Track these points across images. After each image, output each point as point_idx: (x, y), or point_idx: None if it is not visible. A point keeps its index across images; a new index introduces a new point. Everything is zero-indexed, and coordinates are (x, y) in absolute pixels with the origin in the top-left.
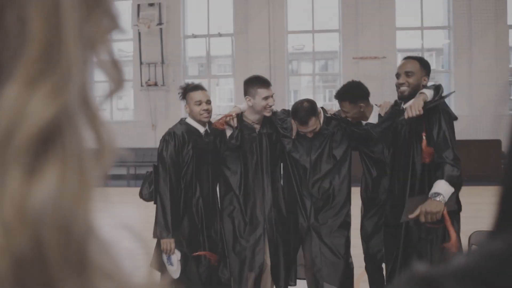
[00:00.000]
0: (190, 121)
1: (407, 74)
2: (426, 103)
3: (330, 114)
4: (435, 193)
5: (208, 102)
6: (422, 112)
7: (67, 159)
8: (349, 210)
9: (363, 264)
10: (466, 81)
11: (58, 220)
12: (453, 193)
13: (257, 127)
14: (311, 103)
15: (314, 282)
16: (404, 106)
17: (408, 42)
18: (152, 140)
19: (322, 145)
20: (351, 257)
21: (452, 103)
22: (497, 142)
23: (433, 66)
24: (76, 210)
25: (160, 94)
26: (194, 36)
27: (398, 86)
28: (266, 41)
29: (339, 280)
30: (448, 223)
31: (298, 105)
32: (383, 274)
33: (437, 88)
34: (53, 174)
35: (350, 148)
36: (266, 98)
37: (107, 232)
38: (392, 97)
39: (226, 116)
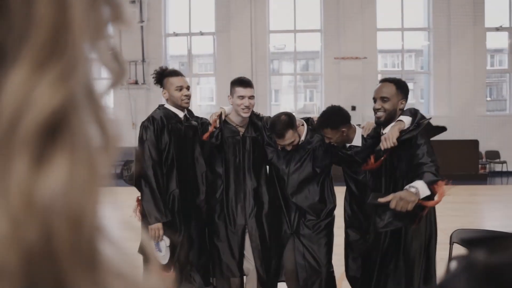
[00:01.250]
0: (168, 106)
1: (383, 99)
2: (402, 132)
3: (315, 127)
4: (410, 186)
5: (188, 87)
6: (396, 143)
7: (76, 150)
8: (331, 219)
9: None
10: (444, 82)
11: (69, 211)
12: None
13: (242, 130)
14: (289, 117)
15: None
16: (382, 133)
17: (388, 43)
18: (132, 139)
19: (302, 158)
20: (332, 267)
21: (431, 104)
22: (475, 143)
23: (412, 67)
24: (87, 202)
25: (140, 92)
26: (176, 34)
27: (375, 111)
28: (248, 40)
29: (321, 285)
30: (428, 204)
31: (276, 118)
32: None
33: (414, 115)
34: (62, 164)
35: (331, 164)
36: (241, 97)
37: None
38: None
39: (212, 125)
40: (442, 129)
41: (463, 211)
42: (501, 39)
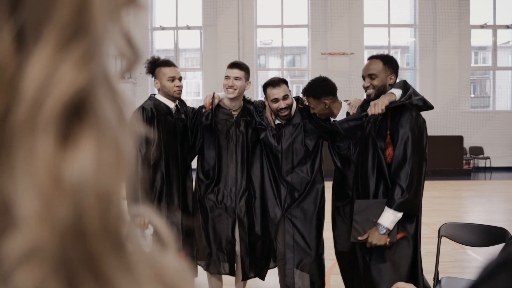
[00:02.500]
0: (159, 97)
1: (371, 76)
2: (391, 102)
3: (304, 105)
4: (380, 225)
5: (180, 78)
6: (384, 110)
7: (101, 129)
8: (322, 200)
9: (334, 256)
10: (430, 79)
11: (98, 189)
12: (404, 214)
13: (235, 114)
14: (284, 80)
15: (286, 269)
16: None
17: (375, 39)
18: None
19: (293, 134)
20: (323, 251)
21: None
22: (459, 138)
23: (398, 64)
24: (115, 181)
25: (126, 87)
26: (162, 28)
27: (365, 89)
28: (235, 34)
29: (310, 269)
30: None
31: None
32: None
33: (405, 89)
34: (88, 143)
35: (321, 140)
36: (227, 77)
37: None
38: (360, 93)
39: (207, 107)
40: (429, 107)
41: (448, 206)
42: (485, 36)
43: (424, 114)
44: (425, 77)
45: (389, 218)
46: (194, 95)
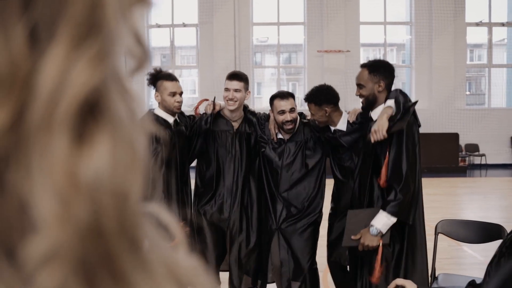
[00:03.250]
0: (159, 111)
1: (359, 86)
2: (391, 119)
3: (307, 120)
4: (372, 226)
5: (181, 93)
6: (386, 136)
7: (115, 129)
8: (319, 218)
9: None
10: (426, 76)
11: (115, 189)
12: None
13: (235, 124)
14: (292, 94)
15: (282, 282)
16: (370, 116)
17: (371, 36)
18: None
19: (296, 151)
20: (316, 264)
21: (412, 98)
22: (455, 136)
23: (394, 61)
24: (131, 180)
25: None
26: (158, 26)
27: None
28: (231, 32)
29: (305, 283)
30: (378, 257)
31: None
32: (347, 274)
33: (397, 100)
34: (104, 142)
35: (323, 158)
36: (227, 89)
37: None
38: (355, 90)
39: (201, 101)
40: (413, 104)
41: (444, 203)
42: (480, 34)
43: (419, 111)
44: (420, 74)
45: (382, 220)
46: (190, 92)
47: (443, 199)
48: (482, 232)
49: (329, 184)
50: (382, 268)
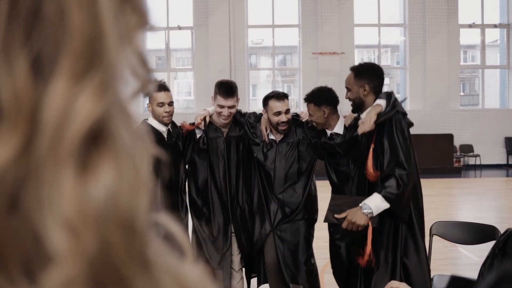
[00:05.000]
0: (152, 121)
1: (347, 89)
2: (379, 115)
3: (302, 120)
4: (365, 204)
5: (171, 103)
6: (373, 127)
7: (119, 155)
8: (313, 218)
9: (327, 255)
10: (420, 77)
11: (121, 216)
12: (387, 208)
13: (225, 130)
14: (287, 95)
15: (278, 284)
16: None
17: (365, 38)
18: None
19: (287, 153)
20: (314, 262)
21: (407, 99)
22: (449, 136)
23: (388, 62)
24: (136, 206)
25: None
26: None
27: None
28: (226, 34)
29: (303, 282)
30: (369, 240)
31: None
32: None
33: (389, 97)
34: (108, 169)
35: (315, 158)
36: (221, 106)
37: None
38: None
39: (196, 124)
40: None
41: (439, 204)
42: (473, 35)
43: (414, 112)
44: (415, 75)
45: (375, 201)
46: (185, 95)
47: (438, 200)
48: (476, 233)
49: (324, 185)
50: (371, 252)
